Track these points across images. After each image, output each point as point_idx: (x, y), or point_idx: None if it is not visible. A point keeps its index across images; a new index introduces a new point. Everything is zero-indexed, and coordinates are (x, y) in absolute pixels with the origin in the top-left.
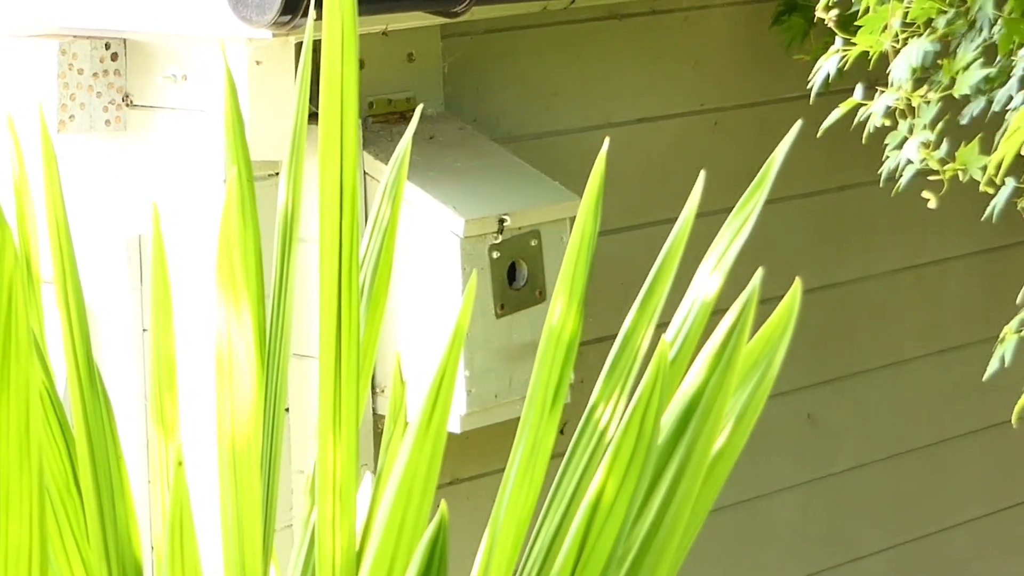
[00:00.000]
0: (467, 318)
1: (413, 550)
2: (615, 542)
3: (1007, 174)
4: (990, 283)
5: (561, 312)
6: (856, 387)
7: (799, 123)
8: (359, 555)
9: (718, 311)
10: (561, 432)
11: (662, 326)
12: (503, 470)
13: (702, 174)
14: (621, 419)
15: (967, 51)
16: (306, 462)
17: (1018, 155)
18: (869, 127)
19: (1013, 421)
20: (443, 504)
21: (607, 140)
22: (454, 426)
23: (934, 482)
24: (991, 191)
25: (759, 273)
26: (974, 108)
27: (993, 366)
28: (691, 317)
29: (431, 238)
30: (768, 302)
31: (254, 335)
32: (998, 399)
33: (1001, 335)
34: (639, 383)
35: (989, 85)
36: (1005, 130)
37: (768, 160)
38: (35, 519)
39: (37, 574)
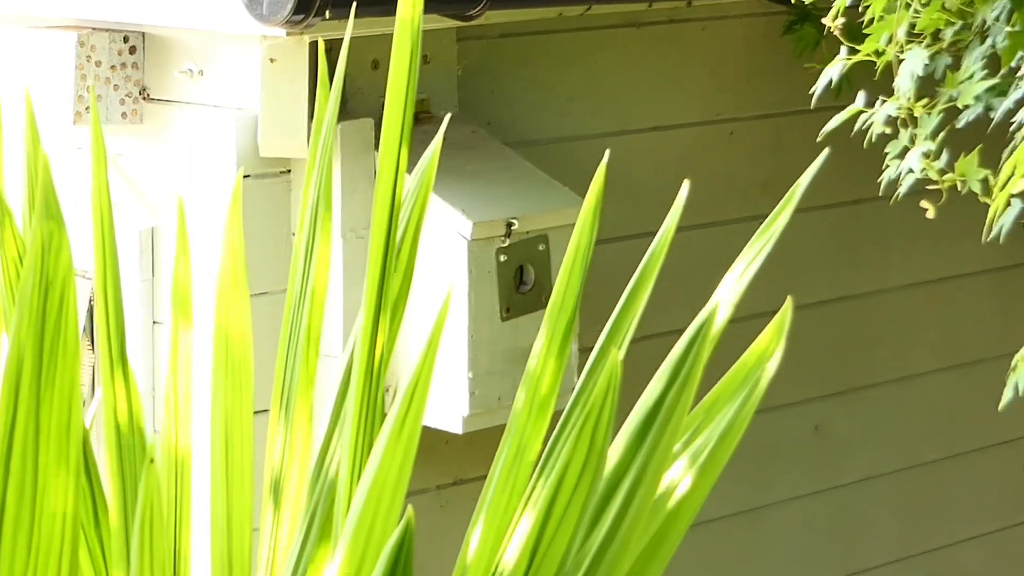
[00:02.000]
0: (441, 329)
1: (379, 555)
2: (566, 551)
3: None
4: (1005, 300)
5: (553, 321)
6: (865, 400)
7: (827, 151)
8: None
9: (732, 320)
10: None
11: (674, 333)
12: None
13: (685, 184)
14: (574, 429)
15: (971, 62)
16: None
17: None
18: (871, 135)
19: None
20: (410, 510)
21: (607, 152)
22: (456, 427)
23: (943, 497)
24: (989, 201)
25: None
26: (970, 114)
27: (1007, 396)
28: (704, 329)
29: (439, 240)
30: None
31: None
32: (1009, 417)
33: (1013, 363)
34: (606, 396)
35: (990, 94)
36: (1009, 146)
37: (793, 186)
38: (70, 514)
39: (67, 564)
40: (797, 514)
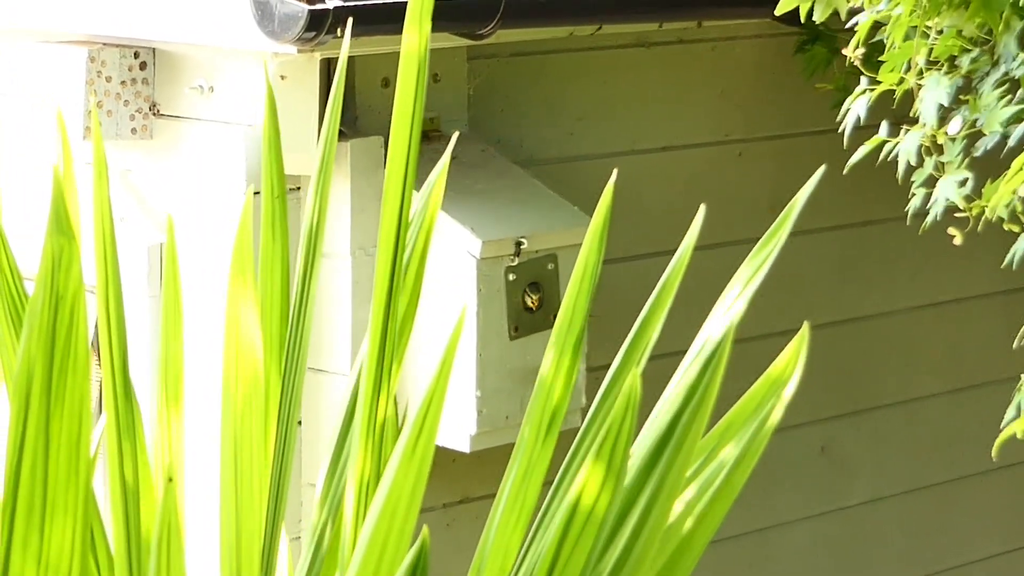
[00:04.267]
0: (455, 347)
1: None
2: (582, 573)
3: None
4: (1012, 323)
5: (560, 342)
6: (872, 421)
7: (823, 168)
8: None
9: (740, 340)
10: None
11: (678, 354)
12: None
13: (702, 208)
14: (592, 450)
15: (990, 88)
16: (317, 475)
17: None
18: (901, 165)
19: (993, 454)
20: (425, 530)
21: (615, 172)
22: (463, 445)
23: (948, 519)
24: (1016, 229)
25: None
26: (988, 142)
27: (1010, 414)
28: (707, 349)
29: (448, 258)
30: (788, 334)
31: (275, 348)
32: (1015, 440)
33: (1020, 383)
34: (624, 416)
35: (1012, 119)
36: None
37: (791, 202)
38: (79, 531)
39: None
40: (804, 535)
